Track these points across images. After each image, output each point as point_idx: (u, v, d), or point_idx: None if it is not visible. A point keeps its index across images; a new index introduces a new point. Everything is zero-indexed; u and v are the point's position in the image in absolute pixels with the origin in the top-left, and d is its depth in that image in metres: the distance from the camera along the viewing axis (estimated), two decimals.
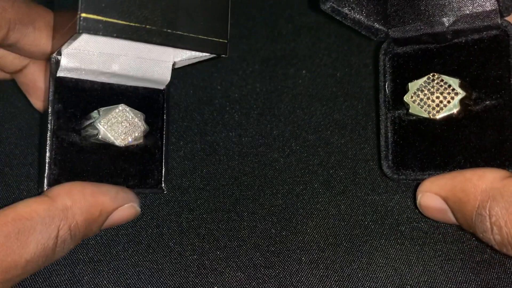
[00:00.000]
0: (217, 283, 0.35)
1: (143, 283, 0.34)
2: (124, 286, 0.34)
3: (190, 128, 0.40)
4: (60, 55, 0.33)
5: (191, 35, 0.32)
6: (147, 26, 0.31)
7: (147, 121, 0.35)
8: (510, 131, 0.31)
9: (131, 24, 0.30)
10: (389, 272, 0.34)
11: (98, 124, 0.33)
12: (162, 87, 0.37)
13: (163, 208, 0.37)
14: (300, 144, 0.39)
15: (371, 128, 0.39)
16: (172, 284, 0.34)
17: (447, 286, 0.34)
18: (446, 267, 0.34)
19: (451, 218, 0.32)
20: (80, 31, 0.29)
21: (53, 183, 0.32)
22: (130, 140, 0.34)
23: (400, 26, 0.35)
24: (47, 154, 0.32)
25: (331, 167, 0.38)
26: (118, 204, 0.32)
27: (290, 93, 0.41)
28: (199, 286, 0.35)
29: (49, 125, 0.33)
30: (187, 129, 0.40)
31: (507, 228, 0.27)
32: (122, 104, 0.34)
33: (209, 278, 0.35)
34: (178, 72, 0.41)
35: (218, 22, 0.34)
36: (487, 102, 0.32)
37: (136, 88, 0.36)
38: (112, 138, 0.34)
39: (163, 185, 0.36)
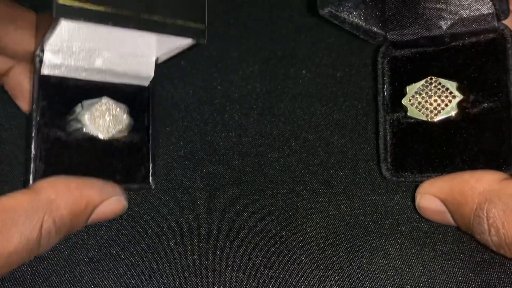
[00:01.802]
0: (217, 283, 0.35)
1: (143, 283, 0.34)
2: (124, 286, 0.34)
3: (190, 128, 0.40)
4: (43, 52, 0.33)
5: (168, 20, 0.32)
6: (124, 12, 0.31)
7: (132, 116, 0.35)
8: (507, 134, 0.31)
9: (107, 10, 0.30)
10: (389, 272, 0.34)
11: (82, 117, 0.34)
12: (146, 83, 0.37)
13: (163, 208, 0.37)
14: (300, 144, 0.39)
15: (371, 128, 0.39)
16: (172, 284, 0.34)
17: (447, 286, 0.34)
18: (446, 267, 0.34)
19: (449, 219, 0.32)
20: (56, 15, 0.29)
21: (39, 178, 0.32)
22: (114, 132, 0.34)
23: (398, 30, 0.36)
24: (33, 150, 0.32)
25: (331, 167, 0.38)
26: (104, 197, 0.32)
27: (290, 93, 0.41)
28: (199, 286, 0.35)
29: (34, 122, 0.33)
30: (187, 129, 0.40)
31: (505, 230, 0.28)
32: (105, 97, 0.34)
33: (209, 278, 0.35)
34: (178, 72, 0.41)
35: (195, 8, 0.34)
36: (485, 105, 0.33)
37: (120, 85, 0.36)
38: (95, 130, 0.34)
39: (150, 180, 0.36)
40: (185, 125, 0.40)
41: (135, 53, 0.36)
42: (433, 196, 0.32)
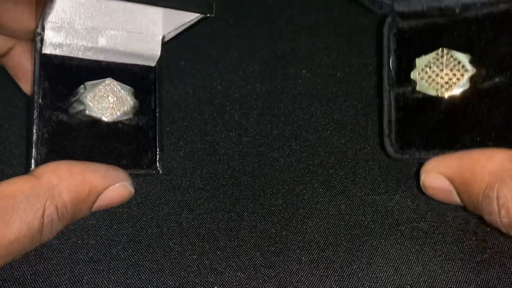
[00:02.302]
0: (217, 283, 0.35)
1: (143, 283, 0.34)
2: (124, 286, 0.34)
3: (190, 128, 0.40)
4: (44, 30, 0.32)
5: None
6: None
7: (138, 98, 0.34)
8: None
9: None
10: (389, 272, 0.34)
11: (84, 99, 0.32)
12: (153, 63, 0.36)
13: (163, 208, 0.37)
14: (300, 144, 0.39)
15: (371, 128, 0.39)
16: (172, 284, 0.34)
17: (447, 286, 0.34)
18: (446, 267, 0.34)
19: (455, 198, 0.31)
20: None
21: (41, 164, 0.30)
22: (118, 114, 0.33)
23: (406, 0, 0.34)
24: (34, 134, 0.31)
25: (331, 167, 0.38)
26: (108, 183, 0.30)
27: (290, 93, 0.41)
28: (199, 286, 0.35)
29: (35, 104, 0.31)
30: (187, 129, 0.40)
31: None
32: (109, 78, 0.33)
33: (209, 278, 0.35)
34: (178, 72, 0.41)
35: None
36: (496, 80, 0.31)
37: (125, 65, 0.35)
38: (99, 112, 0.33)
39: (158, 165, 0.35)
40: (185, 125, 0.40)
41: (141, 31, 0.35)
42: (439, 174, 0.30)
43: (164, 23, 0.35)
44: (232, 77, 0.41)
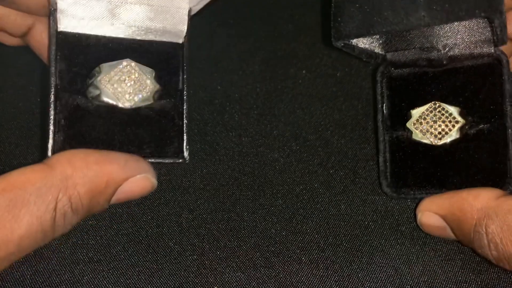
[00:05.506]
0: (217, 283, 0.35)
1: (143, 283, 0.34)
2: (124, 286, 0.34)
3: (190, 128, 0.40)
4: (59, 4, 0.30)
5: None
6: None
7: (163, 80, 0.32)
8: (502, 154, 0.32)
9: None
10: (389, 272, 0.34)
11: (99, 83, 0.30)
12: (179, 40, 0.33)
13: (163, 208, 0.37)
14: (300, 144, 0.39)
15: (371, 128, 0.39)
16: (172, 284, 0.34)
17: (447, 286, 0.34)
18: (446, 267, 0.34)
19: (450, 234, 0.33)
20: None
21: (58, 151, 0.28)
22: (136, 100, 0.30)
23: (397, 51, 0.37)
24: (51, 119, 0.29)
25: (331, 167, 0.38)
26: (128, 174, 0.28)
27: (290, 93, 0.41)
28: (199, 286, 0.35)
29: (52, 87, 0.29)
30: (187, 129, 0.40)
31: (503, 245, 0.29)
32: (126, 59, 0.31)
33: (209, 278, 0.35)
34: None
35: None
36: (481, 126, 0.34)
37: (149, 43, 0.32)
38: (114, 97, 0.30)
39: (185, 153, 0.32)
40: None
41: (165, 4, 0.31)
42: (433, 213, 0.33)
43: None
44: (232, 77, 0.41)
